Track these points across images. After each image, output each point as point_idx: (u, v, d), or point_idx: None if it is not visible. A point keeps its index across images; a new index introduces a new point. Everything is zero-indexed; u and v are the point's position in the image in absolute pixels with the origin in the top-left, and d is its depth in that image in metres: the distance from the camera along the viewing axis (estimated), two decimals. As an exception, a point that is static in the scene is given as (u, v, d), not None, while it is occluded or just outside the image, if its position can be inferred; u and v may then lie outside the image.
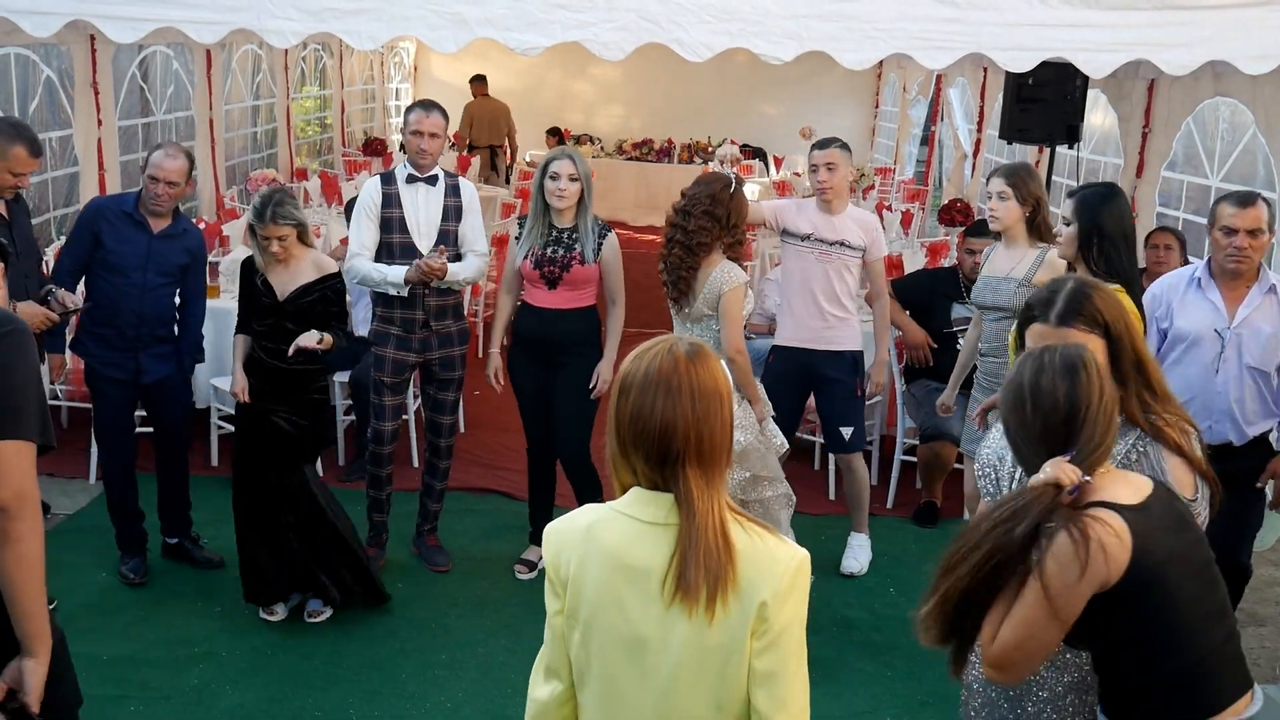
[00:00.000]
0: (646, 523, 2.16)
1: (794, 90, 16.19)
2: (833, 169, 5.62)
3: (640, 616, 2.15)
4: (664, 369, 2.16)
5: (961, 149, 13.33)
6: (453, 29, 5.49)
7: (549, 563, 2.24)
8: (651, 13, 5.43)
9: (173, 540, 5.74)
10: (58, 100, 8.23)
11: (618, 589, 2.16)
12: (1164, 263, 6.71)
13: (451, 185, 5.54)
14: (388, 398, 5.57)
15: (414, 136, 5.40)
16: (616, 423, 2.20)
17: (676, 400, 2.14)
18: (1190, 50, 5.40)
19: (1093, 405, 2.49)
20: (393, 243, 5.41)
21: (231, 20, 5.57)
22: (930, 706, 4.79)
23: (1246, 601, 5.79)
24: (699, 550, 2.10)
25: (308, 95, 14.59)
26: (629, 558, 2.16)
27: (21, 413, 2.51)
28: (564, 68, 16.96)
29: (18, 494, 2.49)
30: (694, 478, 2.14)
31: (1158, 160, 8.45)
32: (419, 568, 5.78)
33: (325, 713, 4.57)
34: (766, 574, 2.14)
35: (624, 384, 2.21)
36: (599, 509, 2.25)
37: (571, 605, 2.21)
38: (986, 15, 5.42)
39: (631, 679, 2.18)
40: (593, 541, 2.19)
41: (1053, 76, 7.37)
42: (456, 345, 5.62)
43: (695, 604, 2.09)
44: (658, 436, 2.14)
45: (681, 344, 2.21)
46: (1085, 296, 2.88)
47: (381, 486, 5.69)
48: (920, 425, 6.60)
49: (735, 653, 2.14)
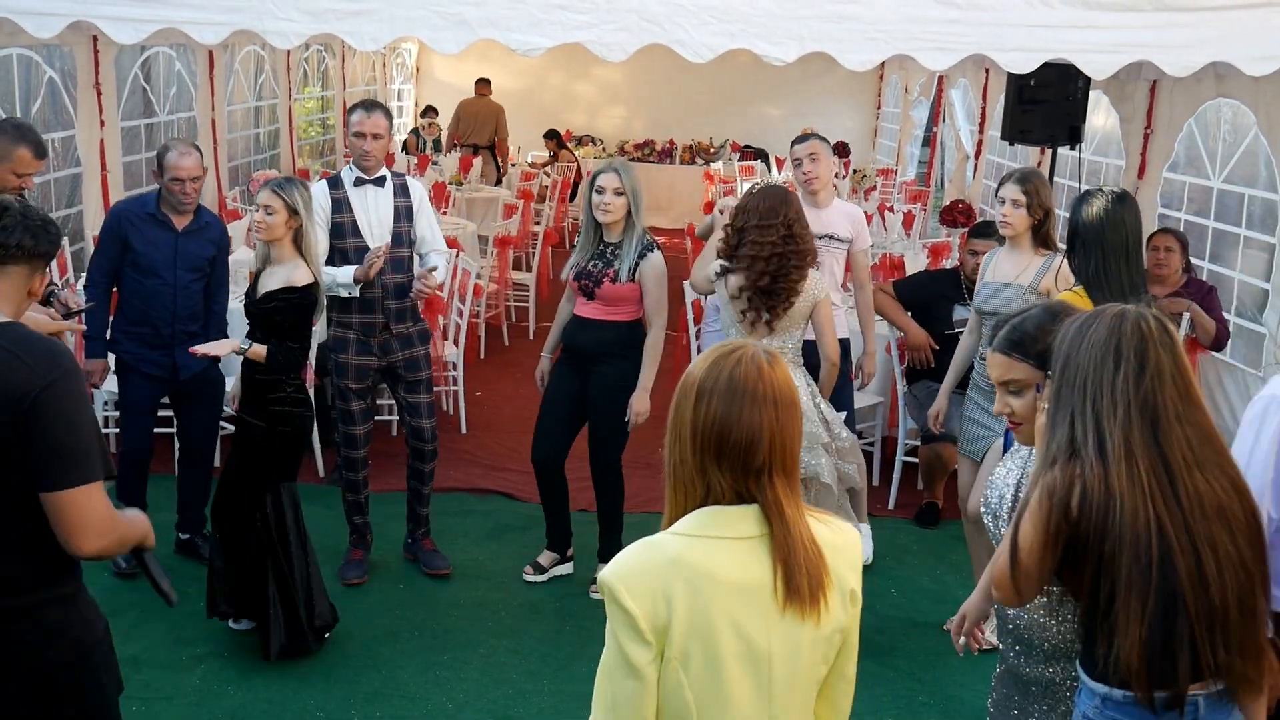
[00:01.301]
0: (737, 539, 2.12)
1: (796, 91, 16.19)
2: (815, 159, 5.80)
3: (759, 633, 2.11)
4: (749, 377, 2.12)
5: (963, 150, 13.34)
6: (454, 30, 5.48)
7: (636, 612, 2.08)
8: (653, 13, 5.42)
9: (185, 536, 5.78)
10: (60, 101, 8.23)
11: (732, 613, 2.10)
12: (1165, 264, 6.70)
13: (400, 185, 5.52)
14: (354, 403, 5.53)
15: (357, 138, 5.37)
16: (692, 431, 2.13)
17: (763, 409, 2.11)
18: (1192, 51, 5.40)
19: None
20: (346, 248, 5.37)
21: (233, 21, 5.57)
22: (932, 708, 4.79)
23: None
24: (799, 557, 2.11)
25: (310, 96, 14.59)
26: (734, 578, 2.10)
27: (89, 455, 2.62)
28: (566, 69, 16.96)
29: (99, 533, 2.63)
30: (781, 487, 2.13)
31: (1159, 161, 8.45)
32: (419, 569, 5.78)
33: (327, 713, 4.57)
34: (849, 555, 2.22)
35: (700, 390, 2.13)
36: (664, 540, 2.15)
37: (681, 645, 2.09)
38: (988, 16, 5.42)
39: (754, 697, 2.13)
40: (690, 574, 2.09)
41: (1054, 77, 7.36)
42: (419, 345, 5.60)
43: (805, 607, 2.11)
44: (745, 446, 2.10)
45: (760, 351, 2.17)
46: (1033, 326, 2.90)
47: (359, 490, 5.66)
48: (921, 426, 6.59)
49: (838, 634, 2.21)
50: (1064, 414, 2.46)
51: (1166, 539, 2.36)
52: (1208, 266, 7.73)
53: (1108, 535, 2.37)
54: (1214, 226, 7.87)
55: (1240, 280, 7.58)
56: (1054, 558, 2.46)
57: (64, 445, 2.58)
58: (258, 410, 4.87)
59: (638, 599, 2.08)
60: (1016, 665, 2.90)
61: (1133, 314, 2.46)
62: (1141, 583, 2.35)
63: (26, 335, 2.65)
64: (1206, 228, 7.90)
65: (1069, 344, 2.50)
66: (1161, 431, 2.40)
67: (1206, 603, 2.36)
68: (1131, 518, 2.36)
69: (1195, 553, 2.36)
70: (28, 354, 2.59)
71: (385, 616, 5.32)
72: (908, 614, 5.51)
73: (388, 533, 5.89)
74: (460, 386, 7.76)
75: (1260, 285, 7.35)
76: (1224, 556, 2.38)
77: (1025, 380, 2.87)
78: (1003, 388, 2.93)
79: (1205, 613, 2.36)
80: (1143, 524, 2.36)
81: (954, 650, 3.15)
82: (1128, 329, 2.43)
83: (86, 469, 2.61)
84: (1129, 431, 2.39)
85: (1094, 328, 2.46)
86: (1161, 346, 2.42)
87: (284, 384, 4.86)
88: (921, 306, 6.73)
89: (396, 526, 5.90)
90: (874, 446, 7.07)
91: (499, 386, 8.55)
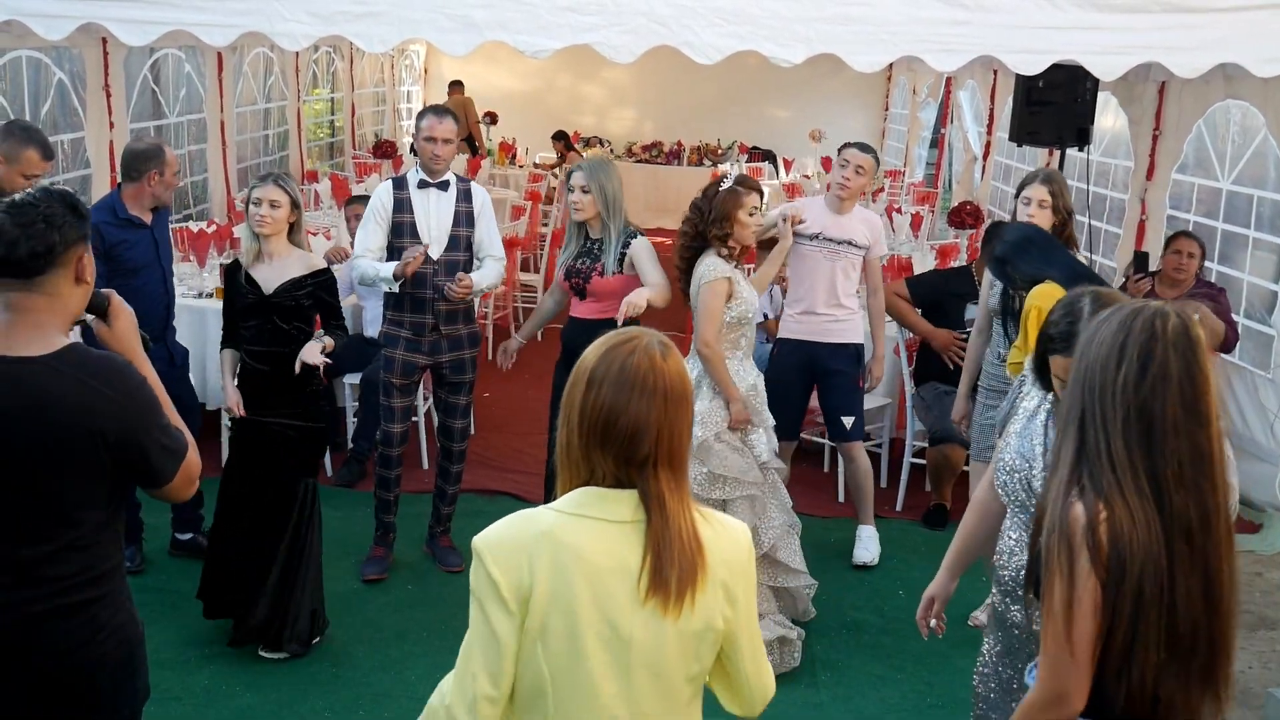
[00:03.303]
0: (612, 522, 2.14)
1: (804, 93, 16.17)
2: (861, 173, 5.80)
3: (622, 616, 2.12)
4: (640, 368, 2.13)
5: (971, 152, 13.31)
6: (462, 32, 5.49)
7: (499, 579, 2.12)
8: (661, 15, 5.42)
9: (185, 536, 5.80)
10: (69, 103, 8.26)
11: (595, 592, 2.12)
12: (1184, 269, 6.68)
13: (463, 190, 5.56)
14: (397, 399, 5.58)
15: (427, 143, 5.43)
16: (580, 416, 2.14)
17: (651, 401, 2.12)
18: (1201, 53, 5.38)
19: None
20: (404, 247, 5.42)
21: (242, 23, 5.58)
22: (939, 709, 4.79)
23: (1256, 604, 5.79)
24: (674, 550, 2.11)
25: (319, 98, 14.62)
26: (603, 558, 2.12)
27: (176, 440, 2.69)
28: (574, 71, 16.97)
29: (194, 480, 2.77)
30: (665, 479, 2.14)
31: (1168, 163, 8.43)
32: (430, 569, 5.79)
33: (336, 714, 4.58)
34: (728, 555, 2.19)
35: (591, 377, 2.15)
36: (540, 514, 2.18)
37: (540, 617, 2.12)
38: (997, 18, 5.41)
39: (612, 677, 2.15)
40: (557, 548, 2.12)
41: (1063, 79, 7.34)
42: (467, 349, 5.63)
43: (669, 600, 2.11)
44: (629, 436, 2.12)
45: (654, 342, 2.18)
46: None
47: (390, 488, 5.70)
48: (929, 428, 6.59)
49: (710, 632, 2.18)
50: (1074, 413, 2.29)
51: (1167, 567, 2.21)
52: (1216, 268, 7.71)
53: (1125, 565, 2.20)
54: (1223, 228, 7.85)
55: (1249, 282, 7.56)
56: (1087, 627, 2.22)
57: (159, 451, 2.64)
58: (290, 404, 4.88)
59: (502, 567, 2.13)
60: (1019, 624, 2.89)
61: (1149, 311, 2.26)
62: (1156, 612, 2.20)
63: (87, 357, 2.60)
64: (1215, 229, 7.88)
65: (1084, 340, 2.35)
66: (1154, 441, 2.21)
67: (1170, 632, 2.22)
68: (1144, 545, 2.19)
69: (1173, 579, 2.21)
70: (94, 378, 2.56)
71: (394, 617, 5.33)
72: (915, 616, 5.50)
73: (400, 533, 5.90)
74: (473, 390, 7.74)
75: (1269, 287, 7.33)
76: (1193, 588, 2.23)
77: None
78: None
79: (1169, 644, 2.23)
80: (1153, 552, 2.20)
81: (963, 652, 3.18)
82: (1138, 326, 2.24)
83: (178, 452, 2.68)
84: (1129, 439, 2.21)
85: (1108, 323, 2.29)
86: (1173, 347, 2.21)
87: (315, 378, 4.93)
88: (934, 304, 6.72)
89: (409, 527, 5.91)
90: (881, 448, 7.06)
91: (507, 388, 8.53)
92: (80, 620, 2.64)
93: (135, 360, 2.75)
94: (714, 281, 4.87)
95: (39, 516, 2.57)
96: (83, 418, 2.53)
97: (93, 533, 2.63)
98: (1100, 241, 9.50)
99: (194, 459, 2.73)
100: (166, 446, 2.65)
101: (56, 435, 2.52)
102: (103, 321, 2.77)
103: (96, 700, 2.69)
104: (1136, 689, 2.23)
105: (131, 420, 2.58)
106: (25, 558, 2.58)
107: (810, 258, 5.81)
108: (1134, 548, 2.18)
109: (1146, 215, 8.61)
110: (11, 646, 2.59)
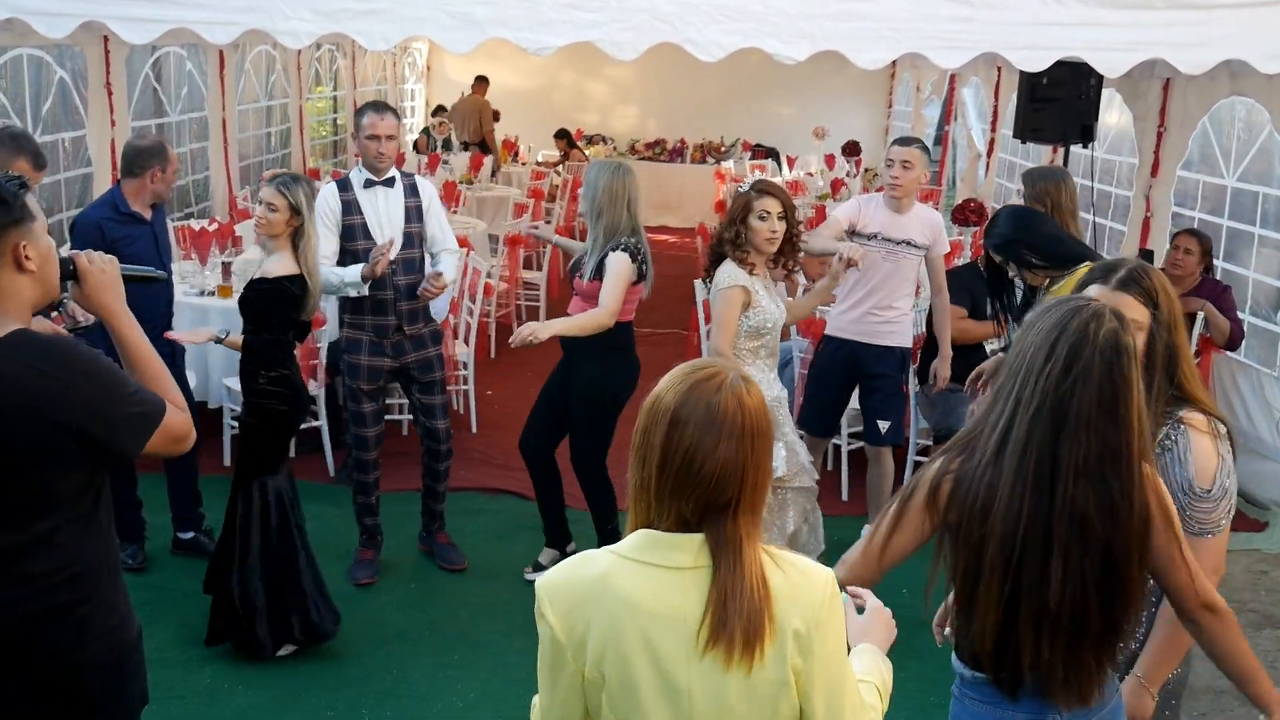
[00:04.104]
0: (671, 569, 2.01)
1: (807, 90, 16.15)
2: (908, 167, 5.72)
3: (678, 668, 2.00)
4: (728, 409, 2.00)
5: (975, 149, 13.29)
6: (465, 29, 5.47)
7: (555, 624, 2.04)
8: (664, 12, 5.41)
9: (186, 535, 5.78)
10: (71, 101, 8.25)
11: (649, 641, 2.00)
12: (1181, 265, 6.68)
13: (409, 185, 5.52)
14: (366, 404, 5.53)
15: (370, 140, 5.36)
16: (663, 458, 2.00)
17: (738, 444, 1.99)
18: (1206, 49, 5.37)
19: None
20: (358, 249, 5.35)
21: (244, 21, 5.57)
22: (943, 709, 4.75)
23: (1262, 603, 5.77)
24: (741, 600, 1.97)
25: (321, 96, 14.61)
26: (657, 607, 2.00)
27: (145, 404, 2.60)
28: (577, 68, 16.95)
29: (187, 436, 2.68)
30: (744, 524, 2.01)
31: (1173, 160, 8.41)
32: (430, 568, 5.78)
33: (337, 713, 4.57)
34: (802, 604, 2.03)
35: (675, 418, 2.00)
36: (600, 556, 2.08)
37: (596, 667, 2.02)
38: (1000, 14, 5.39)
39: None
40: (610, 595, 2.01)
41: (1067, 76, 7.33)
42: (431, 346, 5.60)
43: (733, 653, 1.97)
44: (715, 481, 1.99)
45: (738, 379, 2.05)
46: (1146, 271, 2.92)
47: (369, 492, 5.65)
48: (934, 426, 6.57)
49: (784, 686, 2.02)
50: (1001, 392, 2.47)
51: (1027, 539, 2.40)
52: (1222, 265, 7.69)
53: (985, 527, 2.43)
54: (1228, 225, 7.83)
55: (1255, 279, 7.54)
56: (898, 541, 2.60)
57: (125, 424, 2.57)
58: (245, 404, 4.89)
59: (557, 612, 2.04)
60: None
61: (1089, 311, 2.41)
62: (1001, 573, 2.43)
63: (33, 341, 2.52)
64: (1220, 226, 7.86)
65: (1025, 323, 2.50)
66: (1064, 435, 2.38)
67: (1039, 604, 2.42)
68: (1004, 512, 2.40)
69: (1046, 556, 2.40)
70: (45, 363, 2.49)
71: (395, 616, 5.32)
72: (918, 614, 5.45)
73: (398, 532, 5.89)
74: (471, 385, 7.76)
75: (1274, 284, 7.32)
76: (1072, 568, 2.40)
77: (1141, 321, 2.80)
78: None
79: (1036, 612, 2.43)
80: (1012, 520, 2.40)
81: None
82: (1073, 326, 2.39)
83: (149, 415, 2.60)
84: (1035, 426, 2.39)
85: (1049, 315, 2.45)
86: (1100, 353, 2.36)
87: (259, 375, 4.83)
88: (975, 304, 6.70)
89: (407, 525, 5.90)
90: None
91: (510, 385, 8.53)
92: (67, 623, 2.59)
93: (113, 319, 2.71)
94: (728, 290, 4.82)
95: (6, 507, 2.52)
96: (38, 405, 2.46)
97: (72, 526, 2.58)
98: (1105, 238, 9.48)
99: (176, 418, 2.64)
100: (136, 414, 2.58)
101: (10, 423, 2.46)
102: (76, 286, 2.72)
103: (87, 705, 2.65)
104: (979, 639, 2.52)
105: (91, 400, 2.51)
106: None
107: (867, 257, 5.63)
108: (978, 509, 2.44)
109: (1151, 212, 8.59)
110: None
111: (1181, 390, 2.89)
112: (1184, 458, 2.81)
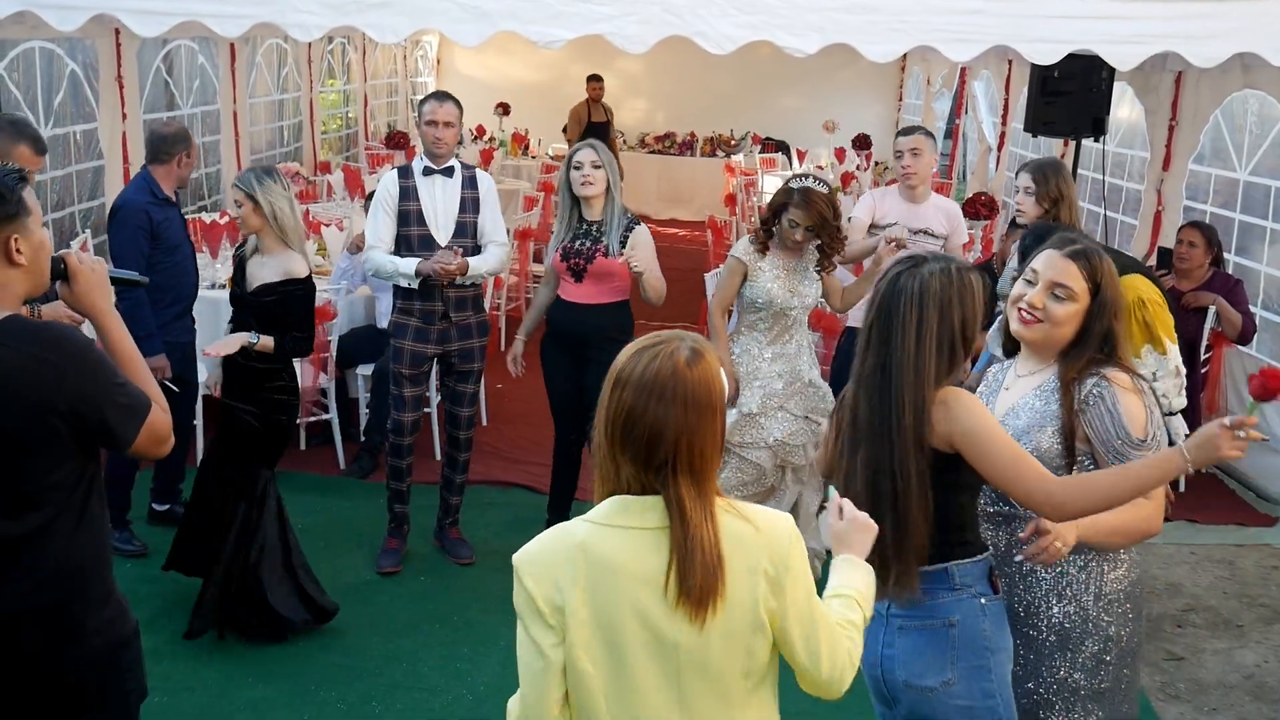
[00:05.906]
0: (640, 529, 2.14)
1: (817, 83, 16.10)
2: (917, 154, 5.83)
3: (663, 622, 2.12)
4: (662, 373, 2.12)
5: (986, 142, 13.25)
6: (475, 22, 5.48)
7: (536, 594, 2.14)
8: (674, 5, 5.41)
9: (162, 507, 5.93)
10: (82, 94, 8.26)
11: (634, 601, 2.12)
12: (1186, 258, 6.67)
13: (468, 177, 5.56)
14: (407, 389, 5.57)
15: (429, 127, 5.43)
16: (607, 418, 2.16)
17: (670, 408, 2.11)
18: (1218, 42, 5.34)
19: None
20: (411, 235, 5.43)
21: (254, 14, 5.58)
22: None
23: (1273, 598, 5.75)
24: (694, 559, 2.09)
25: (333, 89, 14.61)
26: (637, 566, 2.12)
27: (133, 398, 2.61)
28: (587, 61, 16.89)
29: (167, 438, 2.70)
30: (685, 486, 2.13)
31: (1185, 153, 8.37)
32: (442, 561, 5.79)
33: (348, 705, 4.58)
34: (770, 548, 2.16)
35: (618, 379, 2.16)
36: (574, 527, 2.19)
37: (581, 631, 2.13)
38: (1011, 7, 5.38)
39: (661, 685, 2.15)
40: (592, 560, 2.13)
41: (1079, 69, 7.29)
42: (476, 337, 5.63)
43: (693, 607, 2.10)
44: (646, 441, 2.12)
45: (684, 348, 2.16)
46: (1099, 255, 3.07)
47: (402, 477, 5.68)
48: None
49: (758, 629, 2.16)
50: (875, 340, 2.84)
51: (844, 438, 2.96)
52: (1234, 260, 7.66)
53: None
54: (1240, 219, 7.80)
55: (1267, 273, 7.51)
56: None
57: (116, 411, 2.57)
58: (251, 398, 4.90)
59: (537, 581, 2.14)
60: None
61: (909, 262, 2.84)
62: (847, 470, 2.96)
63: (26, 326, 2.54)
64: (1233, 220, 7.82)
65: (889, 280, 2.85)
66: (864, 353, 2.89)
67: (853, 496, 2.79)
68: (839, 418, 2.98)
69: (851, 454, 2.93)
70: (36, 346, 2.50)
71: (406, 609, 5.33)
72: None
73: (413, 525, 5.88)
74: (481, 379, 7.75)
75: (1287, 278, 7.28)
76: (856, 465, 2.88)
77: (1076, 291, 3.00)
78: (1050, 287, 3.02)
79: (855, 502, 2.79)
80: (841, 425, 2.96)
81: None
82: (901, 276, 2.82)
83: (138, 409, 2.61)
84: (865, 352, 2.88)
85: (903, 276, 2.82)
86: (895, 294, 2.79)
87: (282, 373, 4.92)
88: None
89: (419, 519, 5.91)
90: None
91: (520, 379, 8.52)
92: (60, 619, 2.59)
93: (101, 319, 2.70)
94: (730, 259, 5.22)
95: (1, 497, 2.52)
96: (29, 389, 2.47)
97: (65, 519, 2.57)
98: (1116, 233, 9.44)
99: (160, 417, 2.66)
100: (125, 405, 2.58)
101: (3, 409, 2.47)
102: (65, 285, 2.71)
103: (82, 702, 2.64)
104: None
105: (81, 384, 2.51)
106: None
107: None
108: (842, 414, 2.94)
109: (1163, 206, 8.56)
110: None
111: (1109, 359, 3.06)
112: (1113, 409, 2.96)
